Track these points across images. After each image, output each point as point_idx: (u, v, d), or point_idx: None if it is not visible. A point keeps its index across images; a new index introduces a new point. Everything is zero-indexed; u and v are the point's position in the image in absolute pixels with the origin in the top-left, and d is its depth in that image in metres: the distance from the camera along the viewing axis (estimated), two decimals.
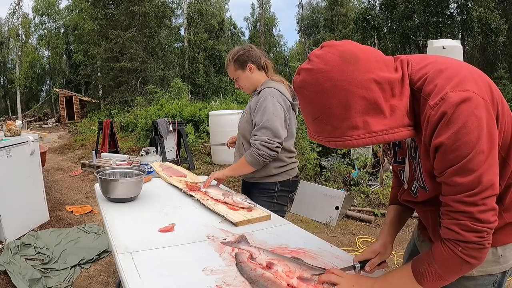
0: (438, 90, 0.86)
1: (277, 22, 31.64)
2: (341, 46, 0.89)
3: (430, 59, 0.96)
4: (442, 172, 0.89)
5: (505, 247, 1.04)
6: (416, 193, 1.09)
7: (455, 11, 17.58)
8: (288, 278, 1.14)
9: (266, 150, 1.94)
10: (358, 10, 22.34)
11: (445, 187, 0.90)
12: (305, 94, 0.90)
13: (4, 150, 3.55)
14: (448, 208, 0.90)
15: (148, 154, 2.72)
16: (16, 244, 3.34)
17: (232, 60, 2.09)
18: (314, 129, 0.94)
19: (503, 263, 1.05)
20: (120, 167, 2.27)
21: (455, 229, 0.88)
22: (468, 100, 0.83)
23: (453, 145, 0.84)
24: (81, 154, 9.05)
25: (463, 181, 0.85)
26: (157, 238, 1.47)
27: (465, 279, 1.05)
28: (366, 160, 5.27)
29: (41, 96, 27.83)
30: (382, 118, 0.86)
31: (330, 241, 1.52)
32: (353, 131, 0.86)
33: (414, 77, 0.93)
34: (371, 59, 0.88)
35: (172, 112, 9.85)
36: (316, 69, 0.87)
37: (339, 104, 0.85)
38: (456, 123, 0.83)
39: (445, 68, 0.91)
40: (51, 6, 26.08)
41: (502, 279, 1.08)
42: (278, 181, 2.11)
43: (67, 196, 5.43)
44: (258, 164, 1.99)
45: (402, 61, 0.96)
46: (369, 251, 1.18)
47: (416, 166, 1.03)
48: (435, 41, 7.05)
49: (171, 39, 23.17)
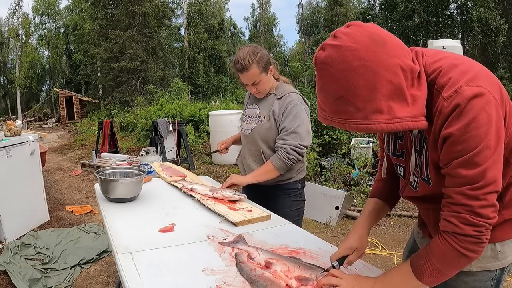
0: (452, 83, 0.87)
1: (277, 22, 31.67)
2: (369, 27, 0.87)
3: (443, 54, 0.97)
4: (448, 163, 0.89)
5: (504, 243, 1.05)
6: (416, 187, 1.09)
7: (455, 11, 17.60)
8: (287, 278, 1.14)
9: (296, 155, 1.95)
10: (358, 10, 22.38)
11: (449, 178, 0.91)
12: (329, 71, 0.85)
13: (4, 150, 3.55)
14: (449, 200, 0.91)
15: (148, 154, 2.72)
16: (16, 244, 3.34)
17: (255, 62, 1.90)
18: (332, 109, 0.89)
19: (501, 259, 1.06)
20: (120, 167, 2.27)
21: (454, 222, 0.89)
22: (481, 96, 0.84)
23: (462, 137, 0.85)
24: (81, 154, 9.05)
25: (468, 173, 0.86)
26: (157, 238, 1.47)
27: (464, 275, 1.06)
28: (366, 160, 5.27)
29: (41, 96, 27.83)
30: (405, 105, 0.85)
31: (330, 241, 1.52)
32: (377, 115, 0.84)
33: (428, 69, 0.93)
34: (397, 44, 0.87)
35: (172, 112, 9.85)
36: (345, 46, 0.84)
37: (366, 85, 0.82)
38: (467, 116, 0.83)
39: (459, 63, 0.92)
40: (51, 6, 26.07)
41: (501, 276, 1.09)
42: (299, 179, 2.14)
43: (67, 196, 5.43)
44: (286, 168, 1.99)
45: (417, 53, 0.96)
46: (345, 248, 1.17)
47: (423, 158, 1.02)
48: (435, 41, 7.06)
49: (171, 39, 23.18)
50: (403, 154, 1.11)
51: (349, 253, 1.16)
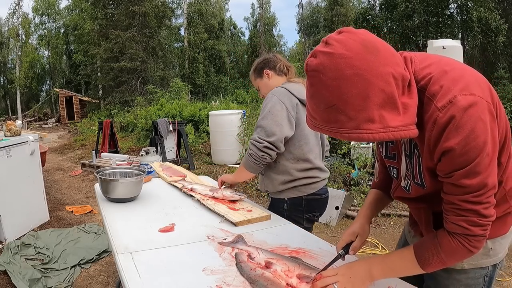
0: (444, 92, 0.88)
1: (277, 22, 31.62)
2: (362, 34, 0.86)
3: (433, 59, 0.97)
4: (448, 173, 0.91)
5: (495, 240, 1.08)
6: (409, 189, 1.10)
7: (455, 11, 17.59)
8: (287, 277, 1.14)
9: (255, 150, 1.78)
10: (358, 10, 22.37)
11: (451, 187, 0.92)
12: (321, 79, 0.84)
13: (4, 150, 3.55)
14: (454, 206, 0.93)
15: (148, 154, 2.73)
16: (16, 244, 3.34)
17: (252, 71, 2.05)
18: (323, 117, 0.87)
19: (493, 256, 1.10)
20: (120, 167, 2.27)
21: (463, 225, 0.92)
22: (475, 105, 0.85)
23: (462, 149, 0.86)
24: (81, 154, 9.05)
25: (471, 183, 0.89)
26: (157, 238, 1.47)
27: (456, 273, 1.11)
28: (366, 160, 5.27)
29: (41, 96, 27.85)
30: (397, 114, 0.84)
31: (330, 241, 1.52)
32: (368, 124, 0.83)
33: (418, 75, 0.93)
34: (389, 52, 0.86)
35: (172, 112, 9.85)
36: (338, 54, 0.82)
37: (359, 93, 0.81)
38: (465, 128, 0.85)
39: (450, 70, 0.92)
40: (51, 6, 26.09)
41: (493, 272, 1.12)
42: (287, 198, 1.89)
43: (67, 196, 5.43)
44: (250, 166, 1.83)
45: (406, 58, 0.95)
46: (348, 234, 1.19)
47: (414, 164, 1.02)
48: (435, 41, 7.05)
49: (171, 39, 23.19)
50: (395, 157, 1.12)
51: (352, 239, 1.18)
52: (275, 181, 1.90)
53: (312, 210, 1.93)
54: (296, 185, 1.87)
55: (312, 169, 1.89)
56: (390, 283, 1.14)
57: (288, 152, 1.85)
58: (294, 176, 1.86)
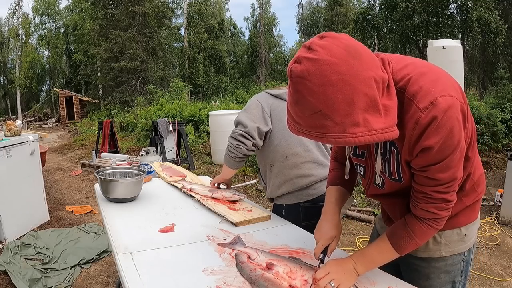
0: (424, 93, 0.93)
1: (277, 22, 31.61)
2: (344, 39, 0.86)
3: (407, 60, 1.02)
4: (424, 167, 0.99)
5: (467, 226, 1.20)
6: (383, 185, 1.15)
7: (455, 11, 17.58)
8: (290, 279, 1.14)
9: (231, 140, 1.81)
10: (358, 10, 22.33)
11: (425, 179, 1.01)
12: (306, 85, 0.84)
13: (4, 150, 3.55)
14: (426, 195, 1.03)
15: (148, 154, 2.73)
16: (16, 244, 3.34)
17: None
18: (308, 123, 0.88)
19: (467, 241, 1.21)
20: (120, 167, 2.27)
21: (433, 211, 1.04)
22: (453, 106, 0.92)
23: (440, 147, 0.93)
24: (81, 154, 9.05)
25: (443, 176, 0.99)
26: (157, 238, 1.47)
27: (435, 261, 1.21)
28: None
29: (41, 96, 27.85)
30: (379, 116, 0.86)
31: None
32: (354, 128, 0.84)
33: (396, 76, 0.97)
34: (370, 56, 0.87)
35: (172, 112, 9.85)
36: (322, 60, 0.82)
37: (344, 99, 0.82)
38: (444, 128, 0.91)
39: (426, 72, 0.98)
40: (51, 6, 26.08)
41: (469, 257, 1.23)
42: (285, 204, 1.88)
43: (67, 196, 5.43)
44: (228, 160, 1.85)
45: (383, 60, 0.98)
46: (326, 239, 1.20)
47: (392, 160, 1.07)
48: (435, 41, 7.06)
49: (171, 39, 23.18)
50: (363, 155, 1.16)
51: (330, 243, 1.21)
52: (272, 186, 1.91)
53: (310, 218, 1.79)
54: (291, 190, 1.85)
55: (304, 163, 1.82)
56: (390, 283, 1.14)
57: (276, 152, 1.84)
58: (287, 175, 1.84)
